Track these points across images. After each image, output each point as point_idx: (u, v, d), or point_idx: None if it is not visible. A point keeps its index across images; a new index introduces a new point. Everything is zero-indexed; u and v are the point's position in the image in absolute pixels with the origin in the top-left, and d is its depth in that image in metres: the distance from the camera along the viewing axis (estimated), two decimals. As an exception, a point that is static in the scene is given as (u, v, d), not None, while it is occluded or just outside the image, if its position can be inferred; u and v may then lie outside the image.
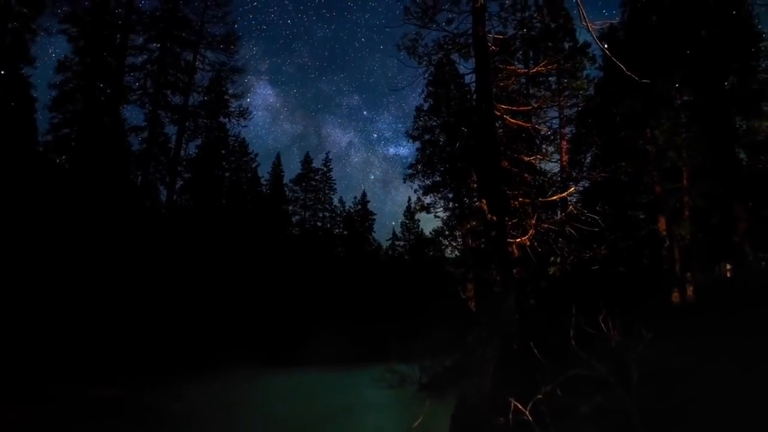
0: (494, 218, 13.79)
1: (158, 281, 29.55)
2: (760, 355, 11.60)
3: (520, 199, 17.03)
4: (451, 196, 37.01)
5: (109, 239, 27.71)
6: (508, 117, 17.18)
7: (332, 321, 33.61)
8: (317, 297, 40.13)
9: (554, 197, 19.08)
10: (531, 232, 15.99)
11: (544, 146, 23.94)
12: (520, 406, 10.31)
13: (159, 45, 38.09)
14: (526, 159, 18.78)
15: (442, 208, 37.41)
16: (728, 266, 27.45)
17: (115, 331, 25.20)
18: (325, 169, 62.53)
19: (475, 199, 21.34)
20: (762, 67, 27.07)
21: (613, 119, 27.81)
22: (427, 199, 37.82)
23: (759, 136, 24.20)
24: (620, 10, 29.03)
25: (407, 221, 63.00)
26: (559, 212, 23.24)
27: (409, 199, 64.12)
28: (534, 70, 20.11)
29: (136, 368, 23.82)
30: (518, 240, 15.47)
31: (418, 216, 58.65)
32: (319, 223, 61.31)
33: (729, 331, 14.66)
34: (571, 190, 20.94)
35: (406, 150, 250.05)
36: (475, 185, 27.95)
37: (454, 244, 37.79)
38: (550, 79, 31.06)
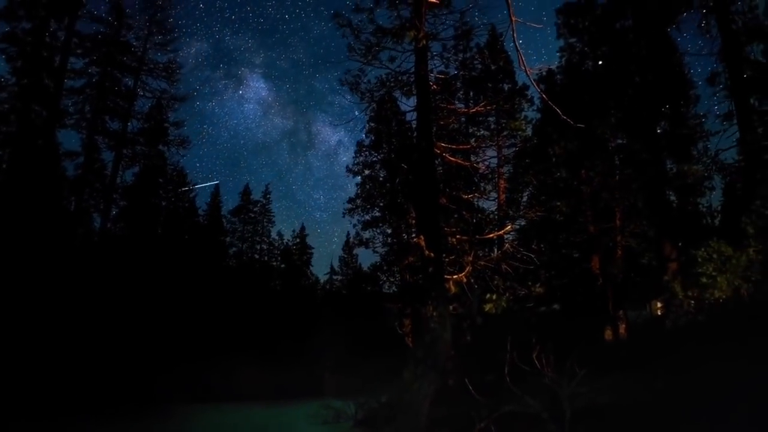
0: (432, 254, 13.90)
1: (89, 312, 28.57)
2: (689, 389, 11.90)
3: (458, 236, 17.23)
4: (389, 231, 37.04)
5: (38, 267, 26.75)
6: (447, 155, 17.45)
7: (268, 355, 33.11)
8: (253, 330, 39.47)
9: (491, 235, 19.38)
10: (468, 268, 16.17)
11: (482, 184, 24.30)
12: (454, 443, 10.30)
13: (99, 69, 37.32)
14: (465, 197, 19.05)
15: (380, 244, 37.39)
16: (659, 305, 28.13)
17: (40, 364, 24.19)
18: (264, 201, 61.50)
19: (414, 235, 21.45)
20: (692, 113, 28.27)
21: (550, 160, 28.46)
22: (366, 234, 37.83)
23: (689, 179, 24.99)
24: (558, 55, 30.00)
25: (345, 256, 62.87)
26: (495, 250, 23.61)
27: (348, 234, 64.19)
28: (474, 110, 20.62)
29: (61, 405, 22.86)
30: (455, 276, 15.61)
31: (356, 251, 58.75)
32: (257, 256, 60.37)
33: (660, 368, 15.00)
34: (507, 228, 21.33)
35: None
36: (414, 221, 28.19)
37: (392, 279, 37.88)
38: (489, 119, 31.76)
